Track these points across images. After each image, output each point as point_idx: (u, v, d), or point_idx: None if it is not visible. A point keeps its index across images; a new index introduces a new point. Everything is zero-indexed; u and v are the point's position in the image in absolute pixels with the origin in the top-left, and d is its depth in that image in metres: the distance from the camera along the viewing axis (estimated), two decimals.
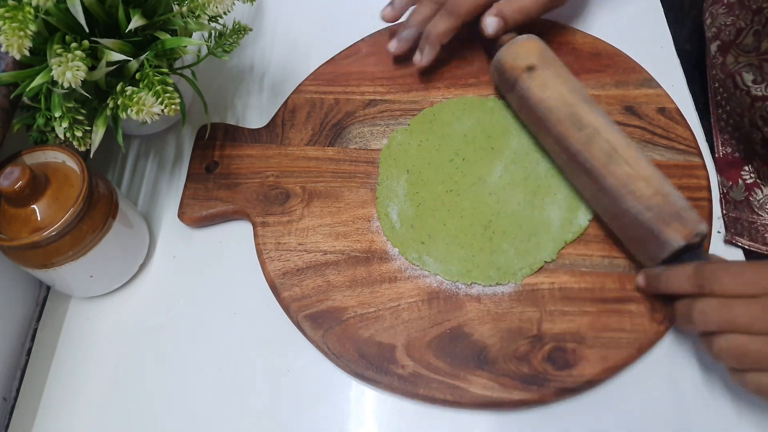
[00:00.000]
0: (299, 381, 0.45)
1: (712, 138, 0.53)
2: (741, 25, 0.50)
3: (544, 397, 0.41)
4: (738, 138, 0.51)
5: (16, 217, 0.42)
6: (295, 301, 0.46)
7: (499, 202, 0.48)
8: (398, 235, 0.48)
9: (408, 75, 0.56)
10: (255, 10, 0.64)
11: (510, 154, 0.50)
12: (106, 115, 0.43)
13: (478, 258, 0.46)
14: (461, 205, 0.48)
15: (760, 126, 0.48)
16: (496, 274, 0.45)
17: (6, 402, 0.47)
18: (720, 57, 0.52)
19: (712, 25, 0.54)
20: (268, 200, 0.50)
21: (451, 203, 0.48)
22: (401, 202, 0.49)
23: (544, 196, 0.48)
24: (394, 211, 0.49)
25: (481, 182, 0.49)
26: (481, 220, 0.47)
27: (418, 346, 0.43)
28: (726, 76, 0.51)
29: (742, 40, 0.50)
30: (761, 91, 0.47)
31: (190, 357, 0.46)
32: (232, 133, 0.54)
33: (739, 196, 0.49)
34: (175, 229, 0.52)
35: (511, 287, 0.45)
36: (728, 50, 0.51)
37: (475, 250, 0.46)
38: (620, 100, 0.52)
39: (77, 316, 0.49)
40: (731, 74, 0.50)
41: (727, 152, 0.51)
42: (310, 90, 0.56)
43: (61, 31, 0.40)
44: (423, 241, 0.47)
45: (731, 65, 0.50)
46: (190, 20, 0.44)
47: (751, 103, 0.48)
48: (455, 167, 0.50)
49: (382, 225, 0.48)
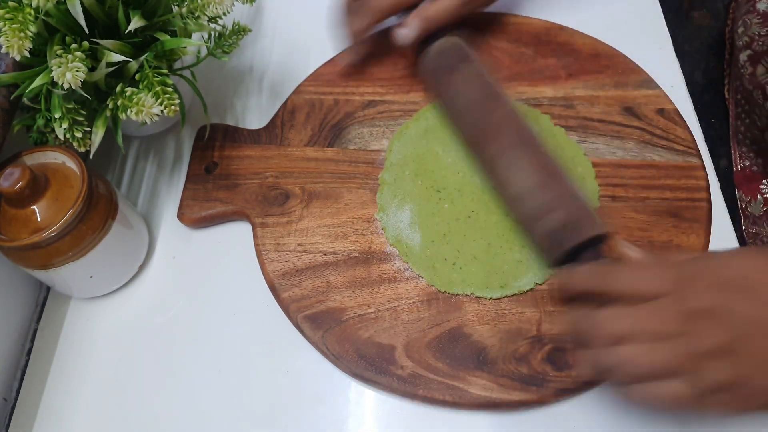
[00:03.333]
0: (298, 381, 0.45)
1: (728, 146, 0.52)
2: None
3: (543, 398, 0.41)
4: (756, 151, 0.50)
5: (16, 217, 0.42)
6: (295, 302, 0.46)
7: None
8: (419, 258, 0.47)
9: (407, 75, 0.56)
10: (254, 11, 0.64)
11: None
12: (105, 116, 0.43)
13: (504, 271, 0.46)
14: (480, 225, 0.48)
15: None
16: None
17: (6, 402, 0.47)
18: (750, 67, 0.51)
19: (744, 34, 0.54)
20: (268, 201, 0.51)
21: (467, 224, 0.48)
22: (409, 231, 0.48)
23: None
24: (407, 237, 0.48)
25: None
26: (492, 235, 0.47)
27: (417, 346, 0.43)
28: (754, 87, 0.50)
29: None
30: None
31: (189, 357, 0.46)
32: (232, 133, 0.54)
33: (758, 211, 0.48)
34: (174, 230, 0.52)
35: None
36: (759, 60, 0.51)
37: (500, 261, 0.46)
38: (619, 100, 0.52)
39: (77, 316, 0.49)
40: (761, 85, 0.49)
41: (745, 165, 0.51)
42: (309, 91, 0.56)
43: (61, 32, 0.40)
44: (454, 262, 0.46)
45: (761, 76, 0.50)
46: (190, 21, 0.44)
47: None
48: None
49: (398, 250, 0.47)
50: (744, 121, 0.51)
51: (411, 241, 0.47)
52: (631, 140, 0.50)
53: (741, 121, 0.52)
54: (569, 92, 0.53)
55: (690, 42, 0.60)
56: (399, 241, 0.47)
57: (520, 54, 0.56)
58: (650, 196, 0.47)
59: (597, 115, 0.51)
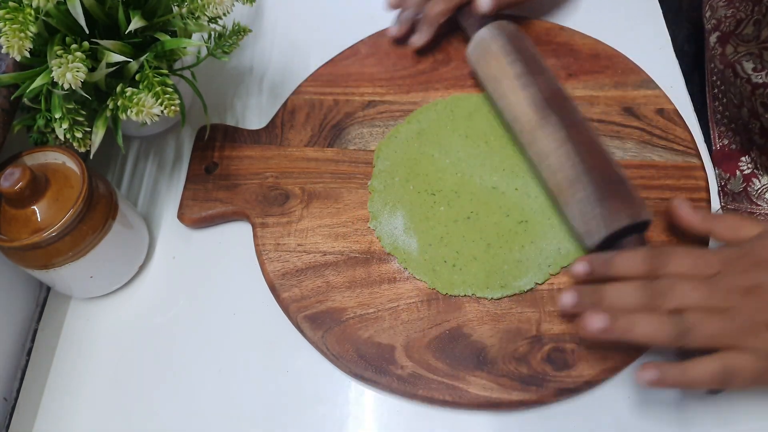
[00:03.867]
0: (298, 381, 0.45)
1: (709, 132, 0.53)
2: (741, 16, 0.51)
3: (543, 398, 0.41)
4: (734, 130, 0.51)
5: (17, 218, 0.42)
6: (295, 302, 0.46)
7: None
8: (418, 263, 0.47)
9: (407, 76, 0.56)
10: (254, 11, 0.64)
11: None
12: (106, 116, 0.43)
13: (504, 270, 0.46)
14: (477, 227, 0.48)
15: (760, 114, 0.48)
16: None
17: (6, 402, 0.47)
18: (719, 48, 0.53)
19: (711, 18, 0.55)
20: (268, 201, 0.51)
21: (464, 226, 0.48)
22: (408, 236, 0.48)
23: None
24: (403, 243, 0.48)
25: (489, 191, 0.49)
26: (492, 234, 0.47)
27: (417, 346, 0.43)
28: (725, 66, 0.51)
29: (741, 30, 0.51)
30: (762, 79, 0.48)
31: (189, 357, 0.47)
32: (232, 134, 0.54)
33: (737, 188, 0.49)
34: (174, 230, 0.52)
35: None
36: (728, 41, 0.52)
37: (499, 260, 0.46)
38: (619, 101, 0.52)
39: (77, 316, 0.49)
40: (731, 64, 0.51)
41: (724, 144, 0.52)
42: (309, 91, 0.56)
43: (62, 33, 0.40)
44: (454, 264, 0.46)
45: (731, 55, 0.51)
46: (190, 21, 0.44)
47: (752, 91, 0.49)
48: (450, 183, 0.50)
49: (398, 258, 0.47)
50: (721, 101, 0.53)
51: (408, 247, 0.47)
52: (630, 140, 0.50)
53: (718, 101, 0.53)
54: (569, 92, 0.53)
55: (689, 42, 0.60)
56: (396, 248, 0.47)
57: None
58: (650, 196, 0.47)
59: (597, 115, 0.52)
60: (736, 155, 0.51)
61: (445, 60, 0.56)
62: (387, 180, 0.50)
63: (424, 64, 0.57)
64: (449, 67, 0.56)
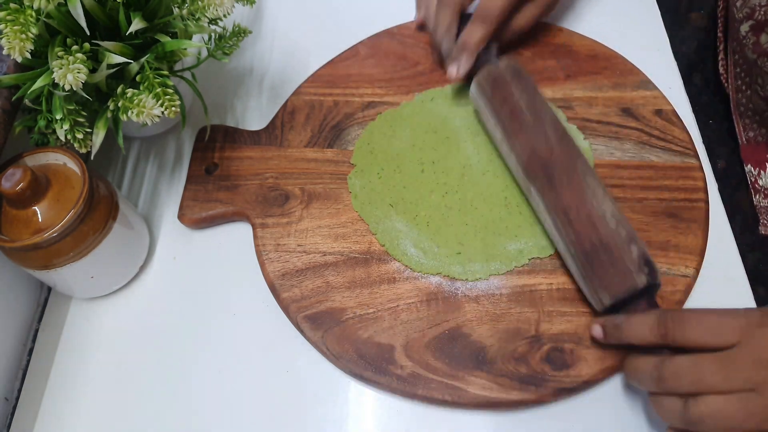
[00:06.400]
0: (298, 381, 0.45)
1: (733, 125, 0.51)
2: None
3: (542, 398, 0.41)
4: (759, 121, 0.50)
5: (18, 218, 0.42)
6: (295, 302, 0.46)
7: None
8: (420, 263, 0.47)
9: (406, 77, 0.56)
10: (254, 12, 0.65)
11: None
12: (106, 117, 0.43)
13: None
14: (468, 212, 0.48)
15: None
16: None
17: (8, 402, 0.47)
18: (752, 37, 0.52)
19: (744, 7, 0.54)
20: (268, 202, 0.51)
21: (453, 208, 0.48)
22: (406, 234, 0.48)
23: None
24: (404, 244, 0.48)
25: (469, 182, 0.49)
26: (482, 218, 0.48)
27: (416, 346, 0.44)
28: (759, 55, 0.50)
29: None
30: None
31: (190, 357, 0.47)
32: (232, 134, 0.55)
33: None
34: (175, 231, 0.52)
35: (509, 287, 0.45)
36: (763, 29, 0.51)
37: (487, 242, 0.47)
38: (617, 102, 0.52)
39: (78, 316, 0.49)
40: (766, 52, 0.50)
41: (750, 137, 0.50)
42: (309, 92, 0.56)
43: (63, 34, 0.40)
44: (459, 251, 0.47)
45: (765, 44, 0.50)
46: (190, 23, 0.44)
47: None
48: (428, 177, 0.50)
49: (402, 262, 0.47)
50: (745, 93, 0.52)
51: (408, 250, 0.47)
52: (629, 141, 0.50)
53: (742, 94, 0.52)
54: (567, 93, 0.53)
55: (687, 43, 0.60)
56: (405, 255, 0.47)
57: (518, 55, 0.56)
58: (648, 196, 0.47)
59: (595, 116, 0.52)
60: (763, 148, 0.50)
61: (444, 60, 0.56)
62: (367, 181, 0.51)
63: (423, 65, 0.57)
64: None
